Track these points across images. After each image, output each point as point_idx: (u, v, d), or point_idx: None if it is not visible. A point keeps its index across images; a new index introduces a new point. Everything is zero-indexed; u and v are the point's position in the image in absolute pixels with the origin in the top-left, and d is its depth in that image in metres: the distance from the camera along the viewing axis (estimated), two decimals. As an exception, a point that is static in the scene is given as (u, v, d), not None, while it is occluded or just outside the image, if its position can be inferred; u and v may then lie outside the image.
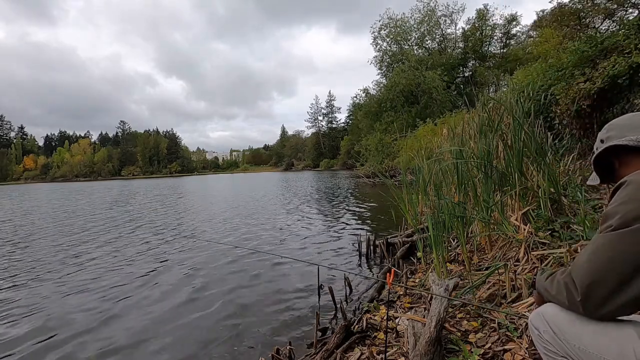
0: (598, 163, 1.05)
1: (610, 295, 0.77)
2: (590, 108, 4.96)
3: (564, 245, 2.22)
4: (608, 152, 0.98)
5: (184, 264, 4.43)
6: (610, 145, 0.96)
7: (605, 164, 1.03)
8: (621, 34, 5.04)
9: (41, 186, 46.07)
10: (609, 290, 0.77)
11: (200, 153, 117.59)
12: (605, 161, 1.02)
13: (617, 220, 0.78)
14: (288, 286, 3.49)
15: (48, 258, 5.04)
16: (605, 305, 0.79)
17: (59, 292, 3.58)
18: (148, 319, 2.89)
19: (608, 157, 1.00)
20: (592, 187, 3.39)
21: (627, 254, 0.76)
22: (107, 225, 8.07)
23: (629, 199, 0.79)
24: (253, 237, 6.03)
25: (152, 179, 63.35)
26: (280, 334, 2.50)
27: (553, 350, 0.92)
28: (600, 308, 0.80)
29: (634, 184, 0.80)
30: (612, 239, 0.79)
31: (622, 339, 0.78)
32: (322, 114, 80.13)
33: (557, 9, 12.04)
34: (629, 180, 0.83)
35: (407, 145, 13.39)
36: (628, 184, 0.82)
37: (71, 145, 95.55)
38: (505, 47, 32.45)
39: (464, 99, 4.51)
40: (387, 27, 33.31)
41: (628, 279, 0.75)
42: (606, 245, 0.80)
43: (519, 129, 2.85)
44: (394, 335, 2.02)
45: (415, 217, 4.20)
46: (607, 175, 1.06)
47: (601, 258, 0.79)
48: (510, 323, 1.80)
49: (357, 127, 37.86)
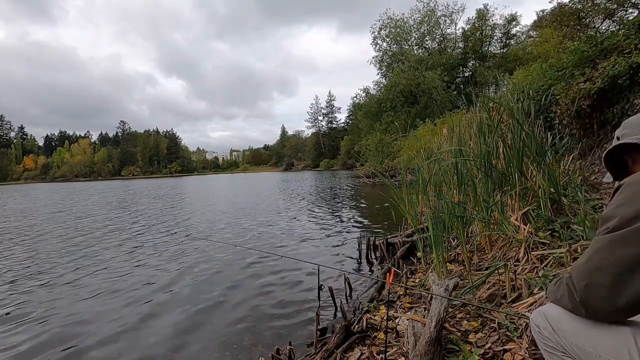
0: (611, 160, 1.04)
1: (608, 296, 0.78)
2: (590, 108, 4.97)
3: (564, 245, 2.22)
4: (620, 150, 0.98)
5: (183, 264, 4.43)
6: (620, 144, 0.96)
7: (619, 162, 1.02)
8: (621, 34, 5.04)
9: (43, 186, 46.06)
10: (606, 291, 0.78)
11: (200, 153, 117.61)
12: (618, 159, 1.01)
13: (613, 223, 0.80)
14: (288, 286, 3.49)
15: (60, 259, 5.04)
16: (604, 306, 0.79)
17: (73, 296, 3.54)
18: (148, 319, 2.88)
19: (621, 155, 1.00)
20: (592, 187, 3.39)
21: (623, 255, 0.76)
22: (118, 226, 8.06)
23: (627, 201, 0.79)
24: (253, 236, 6.03)
25: (152, 179, 63.33)
26: (280, 334, 2.50)
27: (552, 346, 0.94)
28: (600, 309, 0.81)
29: (631, 187, 0.81)
30: (609, 240, 0.80)
31: (618, 338, 0.79)
32: (322, 114, 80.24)
33: (557, 9, 12.03)
34: (627, 183, 0.83)
35: (407, 145, 13.39)
36: (626, 186, 0.83)
37: (71, 145, 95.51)
38: (505, 47, 32.44)
39: (463, 99, 4.52)
40: (386, 27, 33.30)
41: (625, 281, 0.76)
42: (604, 247, 0.80)
43: (519, 129, 2.85)
44: (394, 335, 2.02)
45: (415, 217, 4.20)
46: (621, 173, 1.04)
47: (598, 259, 0.81)
48: (510, 323, 1.80)
49: (357, 127, 37.86)
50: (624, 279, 0.76)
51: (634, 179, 0.83)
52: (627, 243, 0.76)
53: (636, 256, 0.75)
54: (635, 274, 0.75)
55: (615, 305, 0.78)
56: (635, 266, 0.74)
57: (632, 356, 0.76)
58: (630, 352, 0.77)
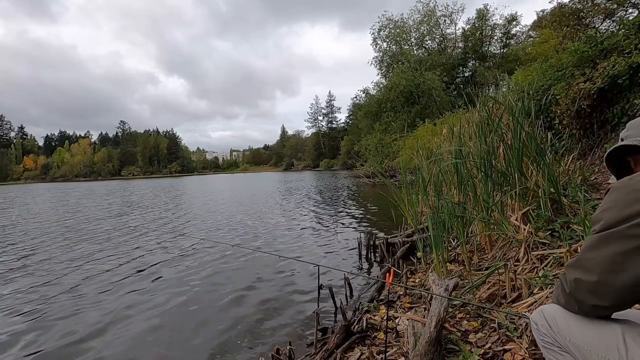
0: (614, 161, 1.06)
1: (593, 290, 0.85)
2: (590, 108, 4.97)
3: (564, 245, 2.22)
4: (623, 151, 1.00)
5: (182, 264, 4.43)
6: (620, 145, 0.99)
7: (622, 163, 1.05)
8: (621, 34, 5.04)
9: (45, 186, 45.97)
10: (592, 286, 0.85)
11: (200, 153, 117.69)
12: (621, 160, 1.04)
13: (600, 225, 0.86)
14: (288, 286, 3.49)
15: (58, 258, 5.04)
16: (590, 299, 0.87)
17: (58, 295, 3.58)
18: (148, 318, 2.88)
19: (624, 156, 1.02)
20: (592, 187, 3.40)
21: (607, 254, 0.82)
22: (126, 229, 8.07)
23: (612, 206, 0.85)
24: (253, 236, 6.03)
25: (153, 179, 63.26)
26: (280, 334, 2.50)
27: (549, 342, 1.01)
28: (586, 303, 0.88)
29: (617, 191, 0.86)
30: (596, 240, 0.86)
31: (608, 334, 0.85)
32: (322, 114, 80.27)
33: (557, 9, 12.03)
34: (614, 187, 0.88)
35: (407, 145, 13.38)
36: (613, 190, 0.88)
37: (71, 145, 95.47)
38: (505, 47, 32.40)
39: (464, 99, 4.51)
40: (386, 28, 33.28)
41: (607, 278, 0.82)
42: (591, 245, 0.87)
43: (519, 129, 2.85)
44: (394, 335, 2.02)
45: (415, 217, 4.20)
46: (623, 173, 1.06)
47: (586, 257, 0.88)
48: (510, 323, 1.80)
49: (357, 127, 37.82)
50: (607, 276, 0.82)
51: (620, 184, 0.87)
52: (610, 244, 0.82)
53: (618, 255, 0.80)
54: (617, 272, 0.81)
55: (600, 299, 0.85)
56: (617, 265, 0.80)
57: (621, 352, 0.81)
58: (619, 348, 0.82)
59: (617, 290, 0.81)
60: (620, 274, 0.80)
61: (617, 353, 0.81)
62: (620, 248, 0.80)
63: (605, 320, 0.89)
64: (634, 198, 0.80)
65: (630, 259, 0.78)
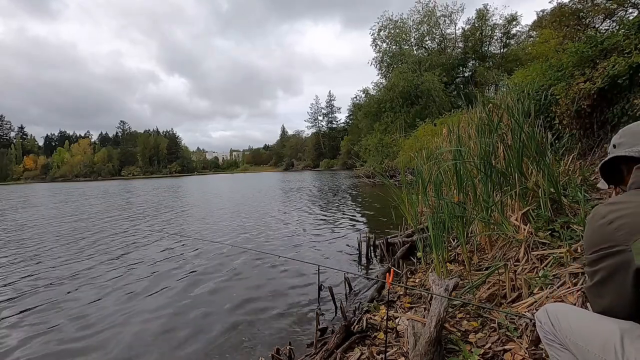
0: (608, 167, 1.09)
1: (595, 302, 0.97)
2: (590, 108, 4.96)
3: (564, 245, 2.22)
4: (617, 159, 1.03)
5: (182, 264, 4.43)
6: (615, 156, 1.02)
7: (614, 169, 1.08)
8: (621, 34, 5.03)
9: (45, 186, 45.93)
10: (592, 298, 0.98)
11: (200, 153, 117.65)
12: (615, 166, 1.07)
13: (585, 253, 0.98)
14: (288, 286, 3.49)
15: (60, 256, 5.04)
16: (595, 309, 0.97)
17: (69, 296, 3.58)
18: (147, 318, 2.89)
19: (618, 164, 1.05)
20: (592, 187, 3.39)
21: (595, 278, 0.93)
22: (114, 230, 8.07)
23: (584, 242, 0.97)
24: (253, 237, 6.03)
25: (153, 179, 63.24)
26: (280, 334, 2.50)
27: (551, 339, 1.06)
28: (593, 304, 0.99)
29: (588, 225, 0.95)
30: (585, 264, 0.97)
31: (606, 334, 0.88)
32: (322, 114, 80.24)
33: (557, 9, 12.02)
34: (588, 219, 0.96)
35: (407, 145, 13.39)
36: (588, 221, 0.96)
37: (71, 145, 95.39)
38: (505, 47, 32.39)
39: (463, 99, 4.52)
40: (386, 29, 33.27)
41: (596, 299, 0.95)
42: (586, 270, 1.00)
43: (519, 129, 2.85)
44: (394, 335, 2.02)
45: (415, 217, 4.20)
46: (618, 178, 1.10)
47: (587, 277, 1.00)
48: (510, 323, 1.80)
49: (357, 127, 37.83)
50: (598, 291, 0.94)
51: (591, 215, 0.95)
52: (590, 274, 0.94)
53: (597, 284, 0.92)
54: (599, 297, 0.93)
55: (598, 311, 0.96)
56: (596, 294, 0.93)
57: (617, 353, 0.83)
58: (615, 350, 0.84)
59: (603, 312, 0.93)
60: (600, 299, 0.93)
61: (613, 354, 0.83)
62: (596, 278, 0.91)
63: (606, 321, 0.91)
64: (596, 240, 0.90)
65: (604, 288, 0.89)
